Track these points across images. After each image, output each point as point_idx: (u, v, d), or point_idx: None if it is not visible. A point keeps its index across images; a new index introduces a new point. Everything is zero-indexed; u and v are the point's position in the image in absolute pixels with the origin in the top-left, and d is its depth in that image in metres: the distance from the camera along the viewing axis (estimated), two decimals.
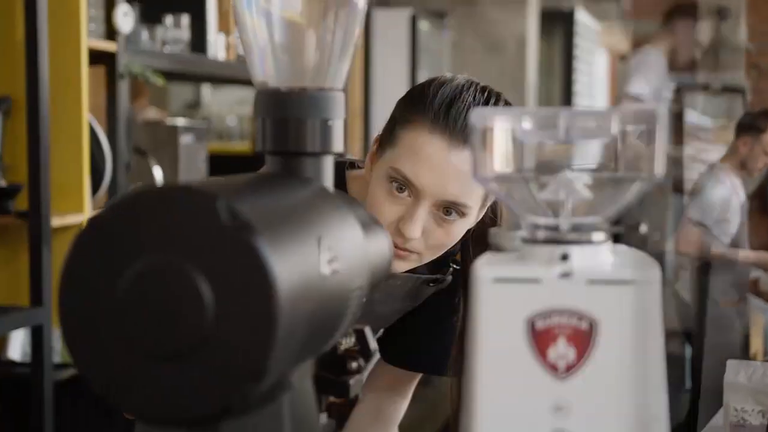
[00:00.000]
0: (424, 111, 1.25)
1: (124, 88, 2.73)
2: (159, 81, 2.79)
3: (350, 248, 0.74)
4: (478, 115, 0.70)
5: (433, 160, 1.24)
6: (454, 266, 1.44)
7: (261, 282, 0.60)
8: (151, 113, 4.23)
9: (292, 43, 0.82)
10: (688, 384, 4.30)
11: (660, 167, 0.67)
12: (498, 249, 0.81)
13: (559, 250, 0.69)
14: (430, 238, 1.28)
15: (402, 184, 1.26)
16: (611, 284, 0.67)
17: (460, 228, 1.29)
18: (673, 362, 4.94)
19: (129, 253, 0.61)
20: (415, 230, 1.25)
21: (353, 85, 4.76)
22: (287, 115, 0.81)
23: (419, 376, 1.56)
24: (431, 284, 1.44)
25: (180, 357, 0.61)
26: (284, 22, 0.82)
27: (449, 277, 1.45)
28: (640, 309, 0.67)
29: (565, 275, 0.67)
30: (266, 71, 0.83)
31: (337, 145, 0.83)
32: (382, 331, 1.53)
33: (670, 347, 5.25)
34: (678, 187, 4.66)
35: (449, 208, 1.27)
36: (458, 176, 1.23)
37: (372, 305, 1.37)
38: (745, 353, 3.90)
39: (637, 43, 10.06)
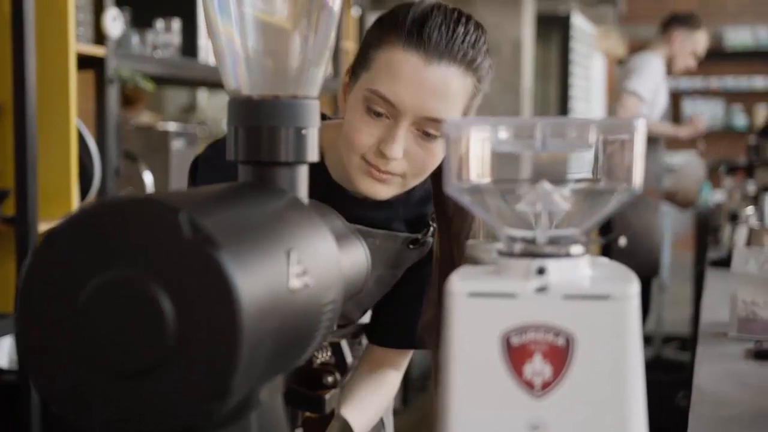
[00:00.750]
0: (397, 30, 1.24)
1: (113, 92, 2.71)
2: (148, 86, 2.77)
3: (322, 261, 0.72)
4: (452, 125, 0.68)
5: (409, 76, 1.22)
6: (433, 225, 1.42)
7: (224, 297, 0.58)
8: (146, 117, 4.21)
9: (265, 50, 0.80)
10: None
11: (639, 179, 0.66)
12: (475, 262, 0.79)
13: (536, 263, 0.67)
14: (412, 160, 1.26)
15: (379, 106, 1.24)
16: (588, 299, 0.65)
17: (441, 148, 1.27)
18: None
19: (89, 266, 0.59)
20: (396, 149, 1.23)
21: None
22: (260, 124, 0.79)
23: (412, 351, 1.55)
24: (411, 246, 1.42)
25: (141, 374, 0.59)
26: (257, 28, 0.80)
27: (430, 239, 1.43)
28: (618, 324, 0.65)
29: (541, 290, 0.65)
30: (239, 78, 0.81)
31: (312, 154, 0.81)
32: (369, 315, 1.52)
33: None
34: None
35: (428, 131, 1.25)
36: (436, 92, 1.22)
37: None
38: None
39: (634, 47, 10.07)
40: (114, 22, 2.66)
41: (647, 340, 5.43)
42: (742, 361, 1.70)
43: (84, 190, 2.59)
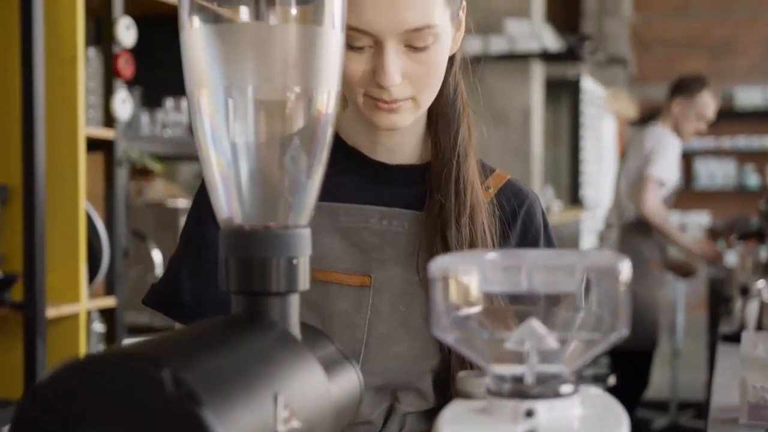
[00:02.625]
0: None
1: (122, 174, 2.73)
2: (157, 167, 2.80)
3: (311, 399, 0.72)
4: (437, 264, 0.68)
5: None
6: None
7: None
8: (159, 187, 4.24)
9: (257, 180, 0.81)
10: None
11: (624, 321, 0.65)
12: (466, 395, 0.79)
13: (524, 405, 0.66)
14: (413, 78, 1.18)
15: (357, 40, 1.15)
16: None
17: (439, 54, 1.19)
18: None
19: (72, 422, 0.59)
20: (392, 75, 1.15)
21: None
22: (252, 255, 0.79)
23: None
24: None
25: None
26: (249, 159, 0.81)
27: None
28: None
29: None
30: (231, 208, 0.81)
31: (303, 282, 0.81)
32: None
33: None
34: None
35: (416, 45, 1.16)
36: (404, 1, 1.13)
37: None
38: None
39: (644, 107, 10.12)
40: (123, 104, 2.69)
41: (663, 406, 5.37)
42: None
43: (93, 273, 2.60)
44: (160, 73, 3.12)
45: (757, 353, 1.97)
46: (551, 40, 5.56)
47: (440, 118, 1.31)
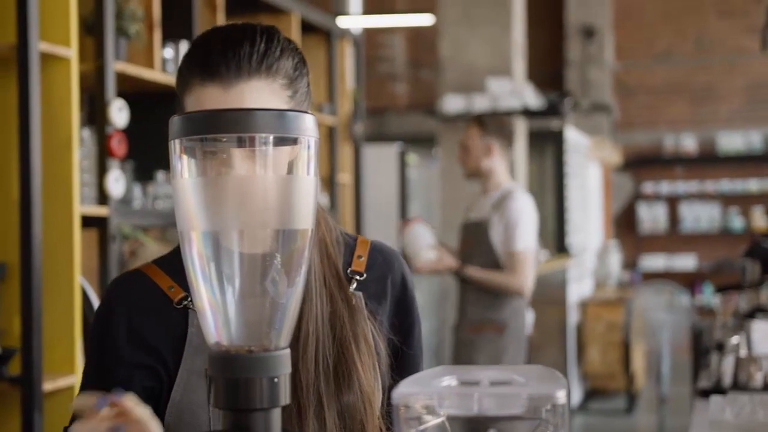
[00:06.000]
0: (191, 72, 1.21)
1: (115, 249, 2.83)
2: (149, 242, 2.90)
3: None
4: (400, 394, 0.78)
5: (211, 106, 1.18)
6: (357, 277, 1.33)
7: None
8: (152, 249, 4.32)
9: (241, 309, 0.91)
10: None
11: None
12: None
13: None
14: None
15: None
16: None
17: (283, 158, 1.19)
18: None
19: None
20: None
21: (344, 217, 4.87)
22: (237, 375, 0.89)
23: None
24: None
25: None
26: (233, 291, 0.91)
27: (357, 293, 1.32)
28: None
29: None
30: (218, 333, 0.91)
31: (285, 397, 0.91)
32: None
33: None
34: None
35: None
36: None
37: None
38: None
39: (629, 154, 10.28)
40: (116, 182, 2.80)
41: None
42: None
43: None
44: (151, 147, 3.23)
45: (726, 417, 2.06)
46: (532, 98, 5.70)
47: None
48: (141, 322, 1.26)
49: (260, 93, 1.20)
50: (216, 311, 0.90)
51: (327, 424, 1.22)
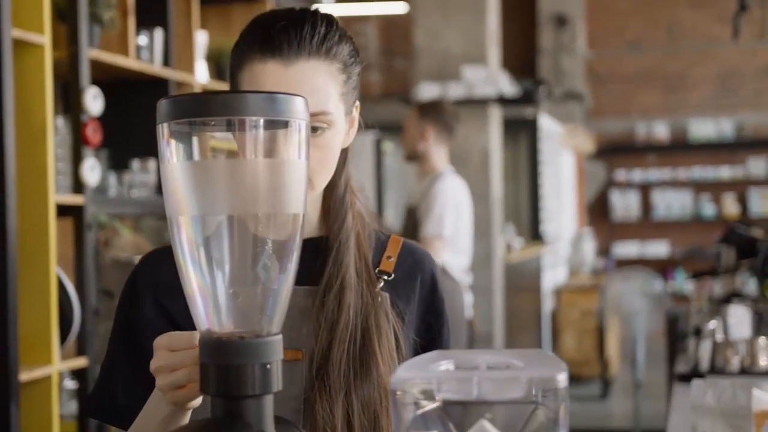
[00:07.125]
0: (251, 47, 1.23)
1: (91, 237, 2.80)
2: (125, 230, 2.87)
3: None
4: (397, 379, 0.77)
5: (272, 82, 1.20)
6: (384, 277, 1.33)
7: None
8: (126, 238, 4.28)
9: (232, 295, 0.89)
10: None
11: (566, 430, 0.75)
12: None
13: None
14: (310, 161, 1.17)
15: None
16: None
17: (333, 140, 1.25)
18: None
19: None
20: None
21: None
22: (228, 362, 0.88)
23: None
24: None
25: None
26: (224, 276, 0.89)
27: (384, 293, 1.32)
28: None
29: None
30: (209, 320, 0.90)
31: (277, 383, 0.90)
32: None
33: None
34: None
35: (312, 125, 1.19)
36: (302, 89, 1.17)
37: None
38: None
39: (601, 141, 10.32)
40: (92, 171, 2.77)
41: None
42: None
43: (64, 335, 2.66)
44: (126, 135, 3.20)
45: (707, 401, 2.07)
46: (507, 86, 5.70)
47: (330, 211, 1.33)
48: (167, 300, 1.25)
49: (318, 73, 1.22)
50: (206, 297, 0.89)
51: (354, 409, 1.22)
